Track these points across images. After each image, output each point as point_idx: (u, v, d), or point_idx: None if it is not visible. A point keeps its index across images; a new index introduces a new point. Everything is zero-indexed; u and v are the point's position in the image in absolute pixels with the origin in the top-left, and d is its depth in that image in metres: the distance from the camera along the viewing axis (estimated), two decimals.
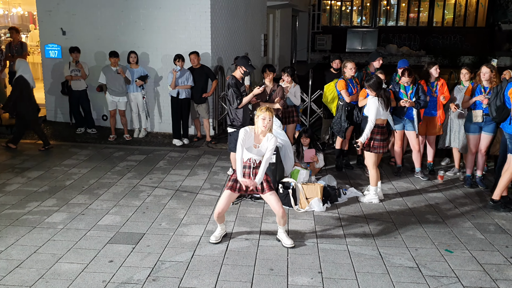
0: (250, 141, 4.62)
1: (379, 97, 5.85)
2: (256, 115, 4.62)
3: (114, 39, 9.51)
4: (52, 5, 9.77)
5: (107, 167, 7.26)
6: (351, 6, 30.86)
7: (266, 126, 4.55)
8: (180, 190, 6.36)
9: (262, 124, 4.55)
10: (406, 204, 5.98)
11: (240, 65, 6.33)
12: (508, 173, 5.62)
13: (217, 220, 4.78)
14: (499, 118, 5.66)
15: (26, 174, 6.88)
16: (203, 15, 9.10)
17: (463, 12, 29.45)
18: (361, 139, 5.84)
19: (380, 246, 4.80)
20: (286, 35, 19.56)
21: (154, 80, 9.51)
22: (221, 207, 4.67)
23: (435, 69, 6.87)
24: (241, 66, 6.31)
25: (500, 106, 5.57)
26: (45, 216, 5.40)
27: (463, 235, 5.10)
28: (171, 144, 8.75)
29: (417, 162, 6.96)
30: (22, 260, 4.40)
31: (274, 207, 4.68)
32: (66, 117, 10.19)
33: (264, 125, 4.55)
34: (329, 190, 5.95)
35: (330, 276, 4.21)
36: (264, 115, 4.54)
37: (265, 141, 4.62)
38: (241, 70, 6.33)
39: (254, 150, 4.61)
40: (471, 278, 4.22)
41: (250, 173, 4.65)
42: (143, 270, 4.25)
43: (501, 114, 5.59)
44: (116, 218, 5.39)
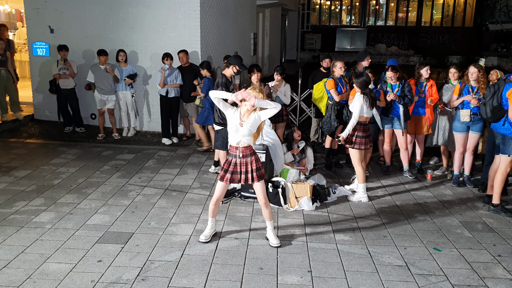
0: (235, 121, 4.51)
1: (365, 94, 5.93)
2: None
3: (103, 37, 9.44)
4: (39, 3, 9.67)
5: (96, 166, 7.21)
6: (341, 6, 30.96)
7: (252, 106, 4.40)
8: (170, 189, 6.34)
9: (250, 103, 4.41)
10: (395, 203, 6.02)
11: (233, 64, 6.36)
12: (499, 173, 5.64)
13: (211, 212, 4.78)
14: (494, 119, 5.63)
15: (14, 173, 6.81)
16: (193, 13, 9.07)
17: (451, 12, 29.69)
18: (343, 134, 5.95)
19: (369, 245, 4.82)
20: (276, 34, 19.56)
21: (143, 78, 9.46)
22: (217, 195, 4.69)
23: (426, 70, 6.90)
24: (234, 65, 6.35)
25: (497, 106, 5.53)
26: (32, 216, 5.34)
27: (451, 234, 5.14)
28: (160, 143, 8.71)
29: (405, 161, 7.00)
30: (10, 260, 4.35)
31: (259, 196, 4.68)
32: (54, 115, 10.09)
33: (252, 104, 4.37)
34: (319, 189, 5.96)
35: (319, 275, 4.22)
36: (254, 94, 4.44)
37: (251, 119, 4.47)
38: (234, 69, 6.36)
39: (241, 129, 4.47)
40: (459, 277, 4.26)
41: (241, 163, 4.59)
42: (132, 270, 4.23)
43: (496, 115, 5.56)
44: (104, 218, 5.35)
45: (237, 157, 4.60)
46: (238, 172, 4.62)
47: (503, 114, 5.54)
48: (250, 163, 4.61)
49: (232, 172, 4.62)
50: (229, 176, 4.62)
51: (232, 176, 4.62)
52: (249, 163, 4.61)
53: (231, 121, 4.55)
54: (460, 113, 6.36)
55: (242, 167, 4.61)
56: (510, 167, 5.60)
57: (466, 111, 6.29)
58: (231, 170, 4.62)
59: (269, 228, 4.81)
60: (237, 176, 4.63)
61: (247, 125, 4.48)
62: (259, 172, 4.62)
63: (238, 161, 4.60)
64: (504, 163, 5.59)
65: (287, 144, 6.75)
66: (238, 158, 4.60)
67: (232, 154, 4.63)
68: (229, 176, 4.62)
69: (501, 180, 5.64)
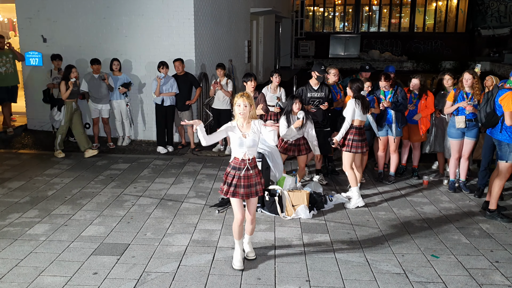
0: (237, 134, 4.33)
1: (357, 98, 6.04)
2: (234, 103, 4.38)
3: (96, 46, 9.41)
4: (32, 12, 9.64)
5: (90, 176, 7.16)
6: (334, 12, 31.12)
7: (242, 113, 4.27)
8: (165, 198, 6.29)
9: (237, 110, 4.29)
10: (391, 210, 6.00)
11: (313, 70, 6.74)
12: (498, 179, 5.66)
13: (237, 234, 4.49)
14: (488, 125, 5.69)
15: (7, 184, 6.74)
16: (187, 22, 9.06)
17: (443, 18, 29.91)
18: (336, 137, 6.00)
19: (367, 253, 4.80)
20: (270, 41, 19.60)
21: (138, 87, 9.43)
22: (238, 214, 4.42)
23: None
24: (314, 72, 6.71)
25: (490, 113, 5.59)
26: (26, 228, 5.28)
27: (448, 240, 5.13)
28: (156, 152, 8.67)
29: (392, 166, 6.99)
30: (3, 274, 4.29)
31: (250, 211, 4.49)
32: (47, 125, 10.03)
33: (240, 112, 4.27)
34: (315, 197, 5.94)
35: (318, 284, 4.18)
36: (239, 101, 4.28)
37: (253, 128, 4.34)
38: (314, 75, 6.73)
39: (246, 141, 4.30)
40: (458, 283, 4.24)
41: (246, 176, 4.36)
42: (129, 282, 4.18)
43: (490, 121, 5.62)
44: (100, 229, 5.29)
45: (242, 170, 4.36)
46: (242, 186, 4.35)
47: (497, 120, 5.58)
48: (254, 175, 4.42)
49: (236, 185, 4.36)
50: (235, 190, 4.36)
51: (236, 189, 4.36)
52: (253, 176, 4.41)
53: (233, 136, 4.34)
54: (455, 120, 6.37)
55: (245, 180, 4.37)
56: (509, 173, 5.61)
57: (461, 118, 6.30)
58: (235, 184, 4.36)
59: (247, 241, 4.70)
60: (240, 190, 4.36)
61: (250, 136, 4.33)
62: (261, 186, 4.48)
63: (242, 173, 4.36)
64: (503, 169, 5.61)
65: (286, 117, 6.39)
66: (243, 171, 4.36)
67: (236, 167, 4.38)
68: (235, 190, 4.36)
69: (499, 186, 5.65)
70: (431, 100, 6.91)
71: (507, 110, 5.40)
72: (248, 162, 4.37)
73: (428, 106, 6.87)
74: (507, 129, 5.51)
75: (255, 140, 4.36)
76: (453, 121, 6.42)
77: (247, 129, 4.35)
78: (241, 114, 4.28)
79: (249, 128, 4.36)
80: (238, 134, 4.33)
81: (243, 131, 4.35)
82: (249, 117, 4.36)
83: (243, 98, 4.27)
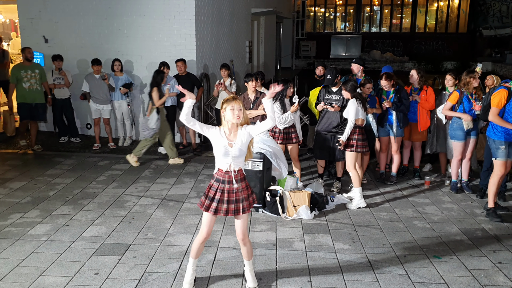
0: (223, 142, 3.82)
1: (356, 97, 6.03)
2: (223, 108, 3.82)
3: (98, 46, 9.41)
4: (34, 13, 9.64)
5: (92, 177, 7.15)
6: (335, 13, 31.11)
7: (238, 117, 3.77)
8: (166, 199, 6.28)
9: (232, 115, 3.76)
10: (393, 210, 5.99)
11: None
12: (491, 177, 5.73)
13: (196, 253, 4.03)
14: (484, 117, 5.84)
15: (8, 184, 6.74)
16: (188, 22, 9.06)
17: (445, 18, 29.89)
18: (342, 137, 5.97)
19: (368, 254, 4.79)
20: (271, 42, 19.58)
21: (139, 88, 9.43)
22: (205, 231, 3.94)
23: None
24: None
25: (486, 106, 5.74)
26: (28, 228, 5.27)
27: (450, 241, 5.11)
28: (157, 152, 8.66)
29: (394, 166, 6.97)
30: (5, 274, 4.28)
31: (238, 231, 3.98)
32: (49, 126, 10.04)
33: (234, 115, 3.76)
34: (317, 197, 5.92)
35: (319, 285, 4.17)
36: (232, 105, 3.76)
37: (241, 136, 3.84)
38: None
39: (232, 150, 3.80)
40: (460, 284, 4.22)
41: (229, 190, 3.87)
42: (130, 282, 4.17)
43: (485, 114, 5.72)
44: (101, 229, 5.29)
45: (226, 183, 3.87)
46: (225, 201, 3.85)
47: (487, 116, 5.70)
48: (241, 190, 3.91)
49: (219, 200, 3.86)
50: (212, 205, 3.86)
51: (217, 205, 3.85)
52: (240, 191, 3.90)
53: (218, 143, 3.82)
54: (462, 122, 6.31)
55: (231, 195, 3.87)
56: (501, 171, 5.63)
57: (468, 117, 6.27)
58: (218, 199, 3.86)
59: (248, 269, 4.14)
60: (223, 206, 3.86)
61: (237, 145, 3.81)
62: (250, 199, 3.99)
63: (227, 187, 3.87)
64: (495, 166, 5.68)
65: (280, 102, 6.32)
66: (227, 184, 3.87)
67: (220, 179, 3.88)
68: (215, 205, 3.85)
69: (492, 183, 5.70)
70: (432, 95, 6.89)
71: (492, 106, 5.53)
72: (233, 175, 3.87)
73: (428, 100, 6.86)
74: (493, 126, 5.62)
75: (242, 150, 3.84)
76: (459, 124, 6.35)
77: (234, 137, 3.85)
78: (238, 118, 3.77)
79: (236, 136, 3.85)
80: (224, 142, 3.80)
81: (230, 139, 3.84)
82: (240, 124, 3.87)
83: (237, 101, 3.77)
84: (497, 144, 5.58)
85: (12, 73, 8.56)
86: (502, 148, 5.55)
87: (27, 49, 8.59)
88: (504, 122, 5.47)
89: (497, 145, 5.58)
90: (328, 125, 6.40)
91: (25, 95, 8.50)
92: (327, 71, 6.73)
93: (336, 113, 6.34)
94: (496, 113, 5.49)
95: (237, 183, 3.89)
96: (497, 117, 5.49)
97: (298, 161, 6.76)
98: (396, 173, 7.03)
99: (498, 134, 5.56)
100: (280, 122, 6.34)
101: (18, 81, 8.42)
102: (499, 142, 5.56)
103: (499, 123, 5.49)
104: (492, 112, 5.54)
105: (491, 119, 5.57)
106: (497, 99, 5.49)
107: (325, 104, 6.39)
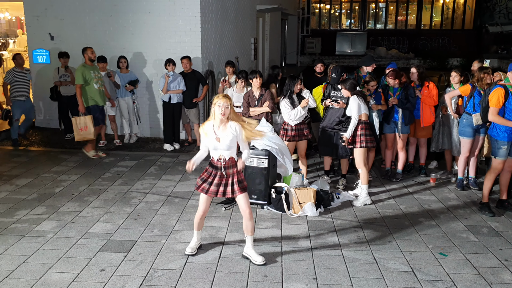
0: (211, 136, 4.31)
1: (357, 94, 6.02)
2: (213, 103, 4.28)
3: (103, 44, 9.42)
4: (40, 10, 9.66)
5: (97, 174, 7.17)
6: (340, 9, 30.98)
7: (223, 114, 4.20)
8: (172, 196, 6.29)
9: (218, 111, 4.21)
10: (399, 208, 5.97)
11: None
12: (488, 174, 5.79)
13: (197, 226, 4.62)
14: (485, 119, 5.80)
15: (15, 181, 6.77)
16: (193, 19, 9.05)
17: (450, 15, 29.69)
18: (346, 134, 5.96)
19: (374, 251, 4.78)
20: (276, 39, 19.54)
21: (145, 85, 9.44)
22: (202, 209, 4.52)
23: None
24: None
25: (485, 107, 5.71)
26: (34, 225, 5.30)
27: (456, 238, 5.10)
28: (162, 149, 8.68)
29: (400, 163, 6.95)
30: (11, 270, 4.31)
31: (242, 207, 4.44)
32: (55, 123, 10.06)
33: (221, 112, 4.20)
34: (322, 194, 5.92)
35: (325, 282, 4.17)
36: (220, 102, 4.21)
37: (230, 131, 4.28)
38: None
39: (219, 145, 4.29)
40: (466, 282, 4.21)
41: (221, 174, 4.38)
42: (136, 279, 4.18)
43: (486, 116, 5.71)
44: (107, 226, 5.31)
45: (219, 169, 4.39)
46: (217, 184, 4.39)
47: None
48: (231, 175, 4.39)
49: (211, 183, 4.41)
50: (207, 187, 4.41)
51: (210, 187, 4.40)
52: (231, 176, 4.39)
53: (209, 137, 4.33)
54: (472, 118, 6.26)
55: (223, 179, 4.39)
56: (498, 169, 5.67)
57: (479, 115, 6.22)
58: (210, 181, 4.42)
59: (249, 244, 4.53)
60: (215, 188, 4.40)
61: (224, 141, 4.28)
62: (241, 185, 4.41)
63: (219, 172, 4.39)
64: (493, 164, 5.71)
65: (289, 99, 6.34)
66: (219, 170, 4.39)
67: (213, 165, 4.42)
68: (207, 187, 4.41)
69: (488, 179, 5.77)
70: (434, 91, 6.86)
71: (491, 106, 5.53)
72: (223, 163, 4.36)
73: (430, 96, 6.83)
74: (496, 126, 5.59)
75: (230, 145, 4.30)
76: (469, 120, 6.30)
77: (223, 131, 4.29)
78: (223, 115, 4.20)
79: (225, 130, 4.29)
80: (212, 137, 4.29)
81: (218, 133, 4.29)
82: (227, 119, 4.28)
83: (224, 99, 4.21)
84: (500, 144, 5.56)
85: (80, 73, 7.84)
86: (503, 148, 5.55)
87: (89, 49, 8.06)
88: (505, 120, 5.45)
89: (499, 145, 5.56)
90: (332, 122, 6.39)
91: (97, 97, 8.05)
92: (333, 70, 6.71)
93: (340, 109, 6.32)
94: (495, 113, 5.48)
95: (226, 169, 4.37)
96: (497, 116, 5.48)
97: (305, 158, 6.75)
98: (402, 170, 7.00)
99: (501, 134, 5.53)
100: (290, 118, 6.30)
101: (87, 83, 7.87)
102: (501, 142, 5.54)
103: (500, 122, 5.48)
104: (491, 112, 5.52)
105: (492, 119, 5.55)
106: (494, 98, 5.47)
107: (331, 101, 6.37)
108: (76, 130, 7.80)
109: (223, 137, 4.29)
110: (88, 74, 7.89)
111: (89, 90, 7.95)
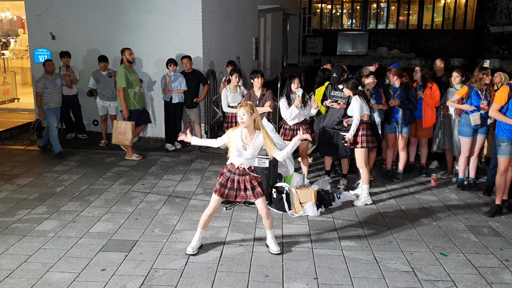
0: (238, 144, 4.42)
1: (358, 94, 6.01)
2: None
3: (105, 43, 9.44)
4: (41, 10, 9.67)
5: (99, 173, 7.18)
6: (342, 9, 30.96)
7: (243, 122, 4.31)
8: (173, 195, 6.30)
9: (239, 119, 4.35)
10: (400, 208, 5.97)
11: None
12: (497, 175, 5.76)
13: (203, 223, 4.63)
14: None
15: (16, 181, 6.78)
16: (195, 19, 9.06)
17: (452, 15, 29.66)
18: (348, 134, 5.95)
19: (375, 251, 4.78)
20: (277, 39, 19.54)
21: (147, 84, 9.44)
22: (211, 208, 4.57)
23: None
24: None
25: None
26: (35, 224, 5.31)
27: (457, 238, 5.10)
28: (163, 149, 8.68)
29: (401, 164, 6.95)
30: (12, 269, 4.31)
31: (260, 209, 4.58)
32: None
33: (240, 121, 4.33)
34: (323, 194, 5.92)
35: (326, 282, 4.17)
36: (239, 110, 4.34)
37: (256, 141, 4.42)
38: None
39: (245, 153, 4.41)
40: (467, 282, 4.21)
41: (238, 180, 4.52)
42: (136, 279, 4.19)
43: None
44: (108, 225, 5.31)
45: (236, 175, 4.52)
46: (235, 189, 4.54)
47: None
48: (250, 180, 4.53)
49: (229, 188, 4.54)
50: (225, 192, 4.53)
51: (228, 191, 4.54)
52: (249, 181, 4.53)
53: (235, 143, 4.42)
54: (470, 118, 6.28)
55: (241, 184, 4.53)
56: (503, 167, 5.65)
57: (477, 115, 6.24)
58: (228, 186, 4.54)
59: (270, 236, 4.74)
60: (233, 193, 4.54)
61: (251, 149, 4.41)
62: (259, 189, 4.55)
63: (236, 178, 4.52)
64: (498, 163, 5.71)
65: (286, 98, 6.40)
66: (237, 175, 4.52)
67: (231, 171, 4.54)
68: (224, 191, 4.53)
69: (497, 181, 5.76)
70: (436, 92, 6.85)
71: (494, 102, 5.59)
72: (241, 170, 4.50)
73: (433, 97, 6.83)
74: (500, 124, 5.62)
75: (254, 154, 4.45)
76: (467, 120, 6.32)
77: (250, 141, 4.42)
78: (242, 123, 4.31)
79: (252, 140, 4.42)
80: (239, 144, 4.40)
81: (245, 142, 4.41)
82: (254, 128, 4.41)
83: (243, 107, 4.30)
84: (499, 141, 5.60)
85: (123, 75, 7.67)
86: (503, 146, 5.56)
87: (127, 50, 7.86)
88: (504, 117, 5.48)
89: (499, 142, 5.61)
90: (332, 122, 6.38)
91: (136, 101, 7.93)
92: (333, 69, 6.71)
93: (340, 110, 6.32)
94: (496, 109, 5.55)
95: (244, 175, 4.50)
96: (497, 112, 5.54)
97: (307, 158, 6.76)
98: (403, 170, 7.00)
99: (502, 132, 5.56)
100: (286, 117, 6.32)
101: (130, 85, 7.77)
102: (501, 139, 5.57)
103: (499, 118, 5.54)
104: (492, 107, 5.60)
105: (491, 114, 5.65)
106: (498, 95, 5.55)
107: (331, 101, 6.37)
108: (115, 132, 7.80)
109: (250, 146, 4.41)
110: (130, 76, 7.81)
111: (131, 93, 7.86)
